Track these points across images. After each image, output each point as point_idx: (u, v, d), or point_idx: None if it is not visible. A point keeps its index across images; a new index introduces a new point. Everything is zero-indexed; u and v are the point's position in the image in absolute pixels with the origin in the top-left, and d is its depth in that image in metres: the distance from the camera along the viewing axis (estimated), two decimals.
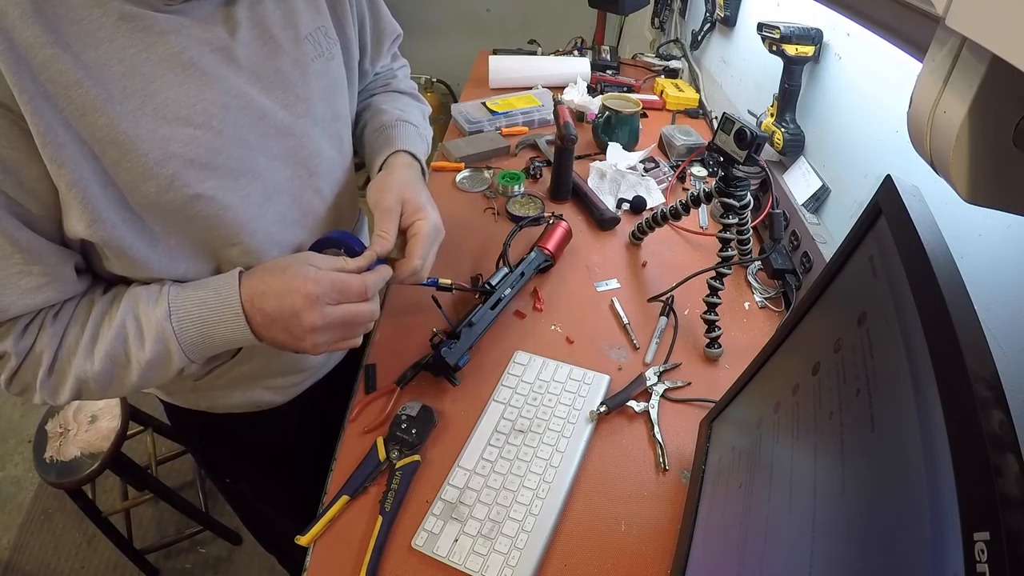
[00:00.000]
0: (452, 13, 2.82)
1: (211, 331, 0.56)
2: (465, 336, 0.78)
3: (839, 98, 0.95)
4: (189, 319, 0.55)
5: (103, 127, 0.46)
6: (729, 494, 0.54)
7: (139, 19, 0.47)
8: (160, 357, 0.55)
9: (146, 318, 0.54)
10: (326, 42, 0.64)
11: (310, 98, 0.62)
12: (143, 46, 0.47)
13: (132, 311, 0.54)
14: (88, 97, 0.44)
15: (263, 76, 0.57)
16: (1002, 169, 0.35)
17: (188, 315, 0.55)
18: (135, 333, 0.54)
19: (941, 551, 0.26)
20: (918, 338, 0.33)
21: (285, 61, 0.58)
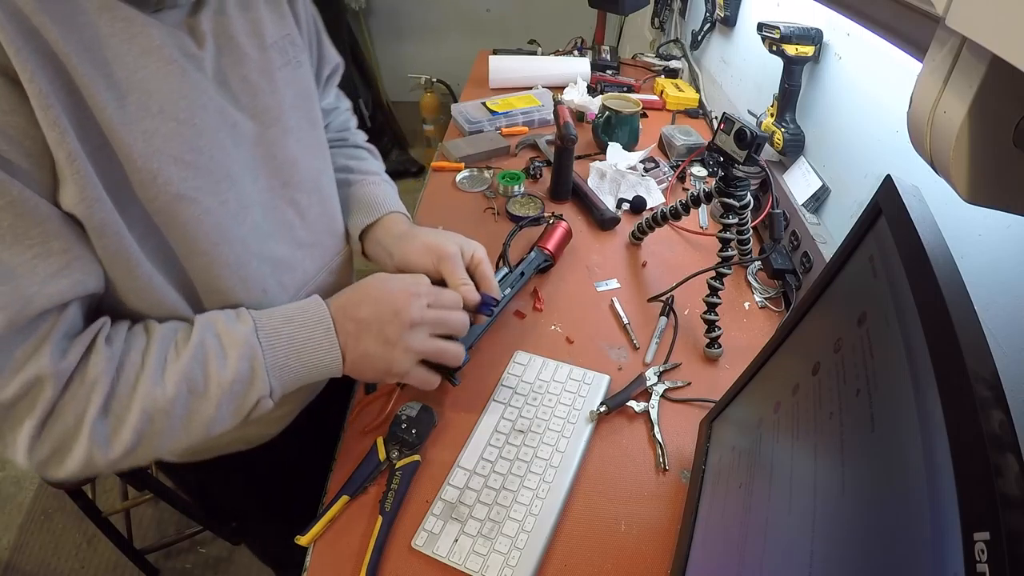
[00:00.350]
0: (452, 13, 2.82)
1: (300, 349, 0.54)
2: (465, 336, 0.78)
3: (839, 98, 0.95)
4: (277, 335, 0.52)
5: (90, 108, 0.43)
6: (729, 494, 0.54)
7: (119, 9, 0.45)
8: (243, 379, 0.50)
9: (229, 335, 0.50)
10: (293, 49, 0.61)
11: (280, 106, 0.59)
12: (125, 36, 0.45)
13: (211, 329, 0.51)
14: (76, 73, 0.41)
15: (231, 86, 0.54)
16: (1002, 169, 0.35)
17: (276, 331, 0.52)
18: (216, 351, 0.49)
19: (941, 551, 0.25)
20: (918, 338, 0.33)
21: (252, 70, 0.56)
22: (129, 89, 0.45)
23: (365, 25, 2.87)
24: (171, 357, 0.49)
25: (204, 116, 0.50)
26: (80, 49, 0.42)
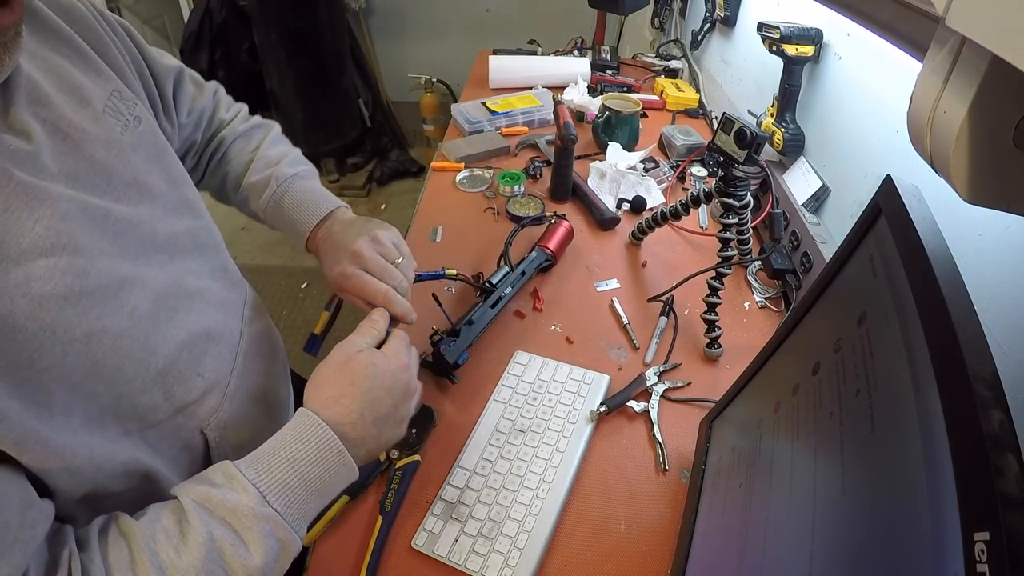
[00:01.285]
0: (452, 13, 2.82)
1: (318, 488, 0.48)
2: (465, 334, 0.78)
3: (839, 98, 0.95)
4: (289, 490, 0.45)
5: None
6: (729, 494, 0.54)
7: None
8: (274, 554, 0.44)
9: (235, 516, 0.43)
10: (126, 106, 0.53)
11: (137, 178, 0.52)
12: None
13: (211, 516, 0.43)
14: None
15: (80, 176, 0.46)
16: (1002, 169, 0.35)
17: (287, 486, 0.45)
18: (232, 542, 0.42)
19: (941, 551, 0.26)
20: (918, 338, 0.33)
21: (96, 148, 0.48)
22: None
23: (365, 25, 2.87)
24: (173, 563, 0.41)
25: (71, 231, 0.43)
26: None
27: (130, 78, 0.56)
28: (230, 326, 0.61)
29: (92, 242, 0.45)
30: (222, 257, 0.64)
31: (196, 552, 0.41)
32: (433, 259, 0.99)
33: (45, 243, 0.41)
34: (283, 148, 0.75)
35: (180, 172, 0.60)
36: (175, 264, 0.55)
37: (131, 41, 0.58)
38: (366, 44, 2.91)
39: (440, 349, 0.75)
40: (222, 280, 0.62)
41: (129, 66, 0.57)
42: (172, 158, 0.59)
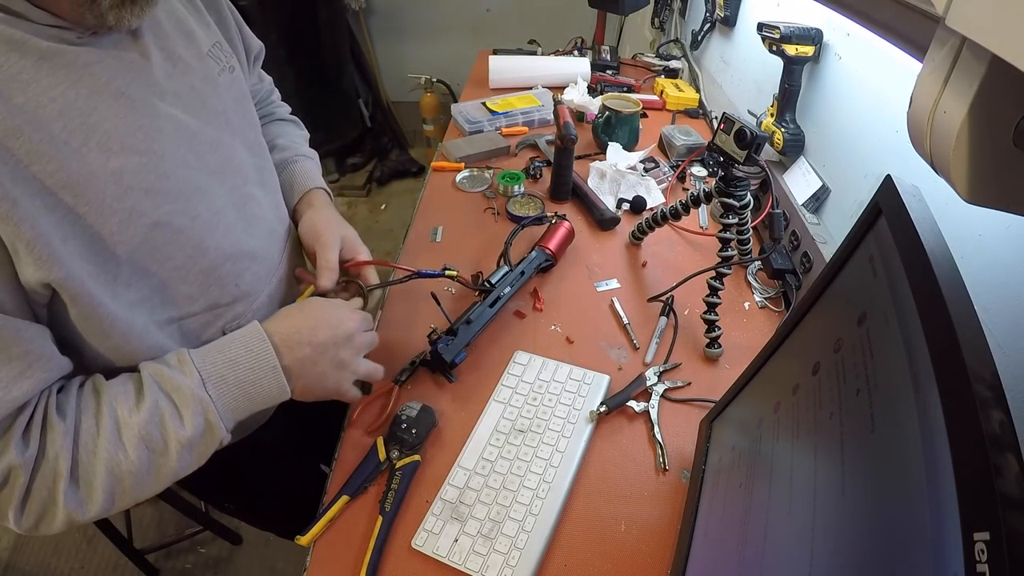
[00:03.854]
0: (452, 13, 2.82)
1: (249, 392, 0.56)
2: (463, 333, 0.78)
3: (839, 98, 0.95)
4: (224, 383, 0.54)
5: (54, 172, 0.44)
6: (729, 494, 0.54)
7: (60, 55, 0.46)
8: (201, 430, 0.52)
9: (179, 393, 0.52)
10: (224, 56, 0.65)
11: (226, 111, 0.63)
12: (70, 82, 0.46)
13: (160, 389, 0.52)
14: (31, 144, 0.43)
15: (182, 96, 0.57)
16: (1002, 169, 0.35)
17: (223, 379, 0.54)
18: (171, 411, 0.51)
19: (941, 551, 0.26)
20: (918, 338, 0.33)
21: (196, 79, 0.59)
22: (88, 134, 0.47)
23: (365, 25, 2.87)
24: (124, 419, 0.50)
25: (162, 140, 0.53)
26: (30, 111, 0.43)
27: (234, 38, 0.71)
28: (273, 252, 0.72)
29: (178, 153, 0.55)
30: (277, 197, 0.75)
31: (144, 414, 0.50)
32: (433, 259, 0.99)
33: (142, 146, 0.51)
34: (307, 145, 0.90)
35: (256, 119, 0.72)
36: (242, 189, 0.65)
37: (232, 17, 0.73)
38: (366, 44, 2.90)
39: (437, 347, 0.75)
40: (274, 214, 0.73)
41: (235, 29, 0.72)
42: (252, 106, 0.72)
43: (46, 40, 0.45)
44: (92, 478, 0.48)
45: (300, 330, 0.60)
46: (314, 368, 0.61)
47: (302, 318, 0.62)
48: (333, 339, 0.62)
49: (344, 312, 0.65)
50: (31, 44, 0.44)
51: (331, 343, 0.62)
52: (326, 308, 0.64)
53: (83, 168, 0.46)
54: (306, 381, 0.61)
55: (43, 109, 0.44)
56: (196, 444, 0.53)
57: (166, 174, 0.53)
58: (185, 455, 0.52)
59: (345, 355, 0.63)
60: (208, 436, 0.53)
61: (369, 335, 0.68)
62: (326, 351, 0.61)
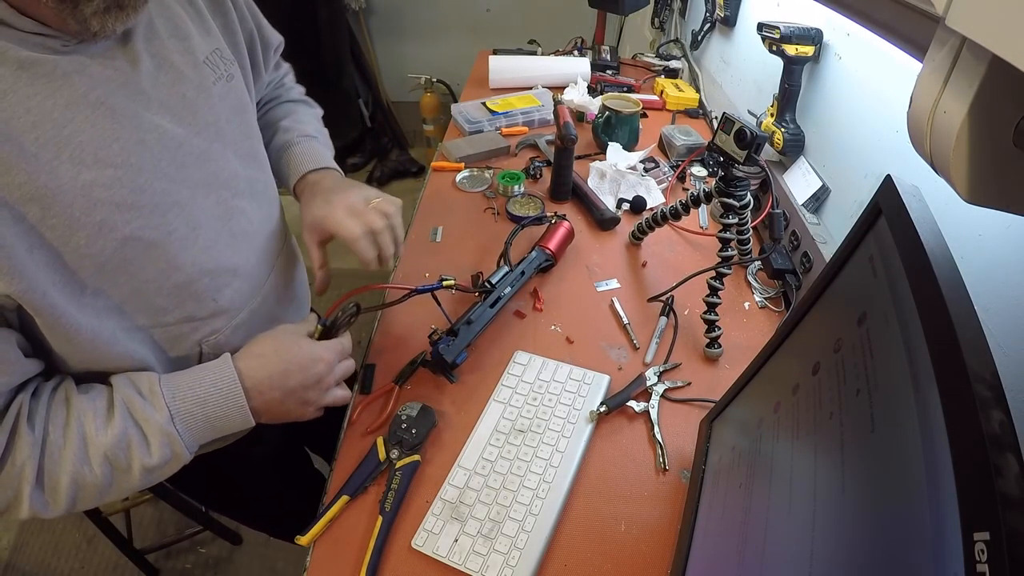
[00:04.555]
0: (452, 13, 2.82)
1: (216, 427, 0.57)
2: (463, 333, 0.78)
3: (839, 98, 0.95)
4: (193, 419, 0.55)
5: (21, 184, 0.44)
6: (729, 494, 0.54)
7: (39, 65, 0.45)
8: (166, 460, 0.54)
9: (147, 424, 0.53)
10: (223, 64, 0.64)
11: (218, 121, 0.61)
12: (48, 92, 0.45)
13: (130, 416, 0.53)
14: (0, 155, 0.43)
15: (170, 105, 0.56)
16: (1002, 169, 0.35)
17: (191, 415, 0.55)
18: (139, 441, 0.53)
19: (941, 551, 0.25)
20: (918, 338, 0.33)
21: (188, 88, 0.58)
22: (60, 147, 0.46)
23: (365, 25, 2.87)
24: (92, 437, 0.51)
25: (142, 152, 0.52)
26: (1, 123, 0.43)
27: (238, 43, 0.68)
28: (260, 269, 0.70)
29: (159, 166, 0.54)
30: (272, 209, 0.73)
31: (112, 437, 0.51)
32: (433, 259, 0.99)
33: (118, 159, 0.49)
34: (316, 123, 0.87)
35: (255, 130, 0.70)
36: (230, 202, 0.63)
37: (248, 11, 0.71)
38: (366, 44, 2.90)
39: (438, 348, 0.75)
40: (266, 228, 0.71)
41: (241, 32, 0.69)
42: (252, 117, 0.70)
43: (28, 49, 0.44)
44: (57, 485, 0.50)
45: (272, 376, 0.60)
46: (280, 407, 0.62)
47: (276, 361, 0.61)
48: (303, 383, 0.62)
49: (319, 352, 0.63)
50: (10, 54, 0.43)
51: (301, 387, 0.62)
52: (301, 349, 0.62)
53: (51, 181, 0.45)
54: (270, 416, 0.62)
55: (17, 120, 0.43)
56: (160, 469, 0.55)
57: (141, 188, 0.52)
58: (148, 477, 0.54)
59: (311, 396, 0.63)
60: (173, 463, 0.55)
61: (343, 366, 0.67)
62: (295, 394, 0.61)
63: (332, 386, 0.65)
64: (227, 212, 0.63)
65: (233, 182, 0.64)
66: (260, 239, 0.70)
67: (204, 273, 0.60)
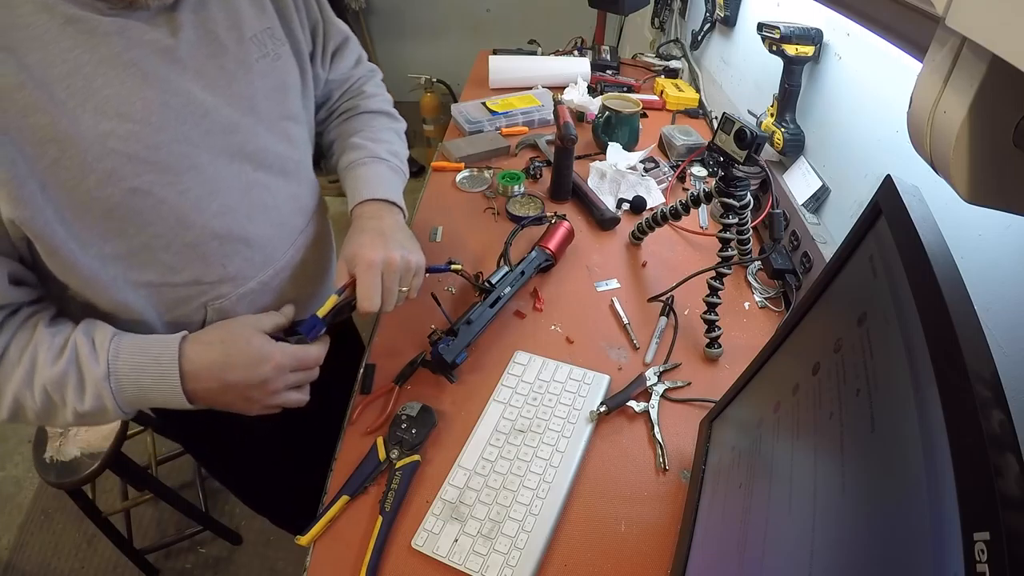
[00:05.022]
0: (452, 13, 2.82)
1: (147, 397, 0.57)
2: (463, 333, 0.78)
3: (839, 98, 0.95)
4: (127, 381, 0.56)
5: (44, 126, 0.48)
6: (729, 494, 0.54)
7: (84, 22, 0.49)
8: (96, 411, 0.56)
9: (88, 373, 0.54)
10: (272, 43, 0.66)
11: (254, 96, 0.63)
12: (87, 47, 0.49)
13: (75, 362, 0.55)
14: (30, 99, 0.47)
15: (206, 74, 0.58)
16: (1002, 169, 0.35)
17: (127, 378, 0.56)
18: (75, 384, 0.54)
19: (941, 551, 0.25)
20: (918, 338, 0.33)
21: (228, 60, 0.60)
22: (87, 97, 0.50)
23: (365, 25, 2.87)
24: (40, 367, 0.54)
25: (164, 113, 0.55)
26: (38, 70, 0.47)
27: (294, 28, 0.69)
28: (276, 244, 0.70)
29: (181, 129, 0.56)
30: (301, 189, 0.74)
31: (54, 373, 0.53)
32: (433, 259, 0.98)
33: (136, 115, 0.52)
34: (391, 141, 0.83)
35: (296, 110, 0.71)
36: (252, 174, 0.65)
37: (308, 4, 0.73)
38: (366, 44, 2.91)
39: (438, 349, 0.75)
40: (290, 206, 0.72)
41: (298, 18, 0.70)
42: (295, 98, 0.71)
43: (77, 7, 0.49)
44: (2, 396, 0.54)
45: (212, 367, 0.59)
46: (220, 397, 0.60)
47: (220, 352, 0.59)
48: (245, 381, 0.60)
49: (268, 353, 0.61)
50: (60, 8, 0.48)
51: (241, 384, 0.60)
52: (250, 346, 0.60)
53: (72, 127, 0.49)
54: (209, 403, 0.61)
55: (53, 68, 0.48)
56: (92, 416, 0.56)
57: (157, 145, 0.54)
58: (80, 419, 0.56)
59: (255, 395, 0.61)
60: (102, 415, 0.57)
61: (294, 377, 0.63)
62: (234, 389, 0.60)
63: (281, 390, 0.63)
64: (249, 183, 0.64)
65: (260, 155, 0.65)
66: (281, 214, 0.70)
67: (214, 237, 0.62)
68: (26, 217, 0.49)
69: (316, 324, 0.66)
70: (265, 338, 0.62)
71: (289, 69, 0.69)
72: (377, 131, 0.82)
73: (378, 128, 0.83)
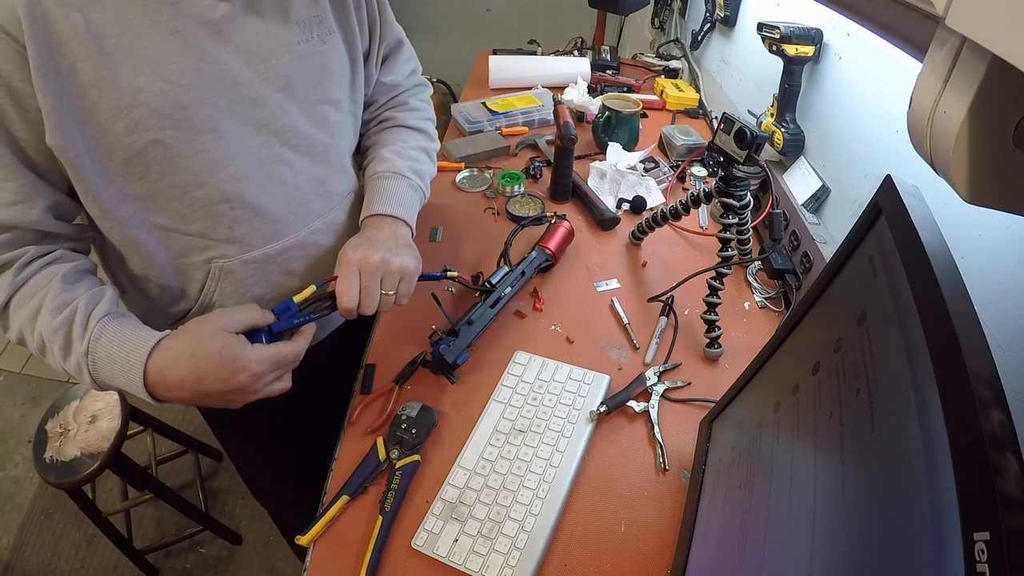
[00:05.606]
0: (452, 13, 2.82)
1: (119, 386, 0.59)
2: (464, 334, 0.78)
3: (839, 98, 0.95)
4: (101, 366, 0.58)
5: (89, 72, 0.54)
6: (729, 494, 0.54)
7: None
8: (75, 374, 0.59)
9: (73, 342, 0.58)
10: (318, 29, 0.68)
11: (290, 76, 0.66)
12: (140, 12, 0.55)
13: (67, 326, 0.58)
14: (84, 48, 0.53)
15: (245, 48, 0.62)
16: (1002, 169, 0.35)
17: (101, 363, 0.58)
18: (62, 345, 0.58)
19: (941, 551, 0.25)
20: (918, 338, 0.33)
21: (268, 39, 0.64)
22: (130, 54, 0.55)
23: None
24: (43, 313, 0.58)
25: (196, 78, 0.59)
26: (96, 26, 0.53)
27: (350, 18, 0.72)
28: (289, 221, 0.72)
29: (210, 95, 0.60)
30: (328, 173, 0.75)
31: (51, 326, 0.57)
32: (433, 259, 0.99)
33: (171, 76, 0.57)
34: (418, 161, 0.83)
35: (338, 97, 0.74)
36: (274, 149, 0.67)
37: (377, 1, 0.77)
38: None
39: (439, 349, 0.75)
40: (311, 188, 0.73)
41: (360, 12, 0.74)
42: (338, 85, 0.73)
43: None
44: (9, 324, 0.60)
45: (183, 382, 0.57)
46: (195, 402, 0.61)
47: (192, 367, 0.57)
48: (220, 391, 0.59)
49: (243, 361, 0.59)
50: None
51: (217, 393, 0.59)
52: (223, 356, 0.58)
53: (112, 76, 0.55)
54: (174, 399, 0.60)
55: (108, 26, 0.54)
56: (75, 375, 0.60)
57: (184, 105, 0.59)
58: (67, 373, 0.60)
59: (234, 398, 0.60)
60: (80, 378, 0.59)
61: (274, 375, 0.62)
62: (210, 397, 0.59)
63: (260, 390, 0.61)
64: (270, 157, 0.67)
65: (287, 133, 0.68)
66: (300, 194, 0.71)
67: (224, 199, 0.65)
68: (61, 146, 0.55)
69: (290, 307, 0.65)
70: (239, 343, 0.59)
71: (334, 56, 0.71)
72: (408, 148, 0.83)
73: (410, 145, 0.84)
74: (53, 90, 0.53)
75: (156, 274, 0.68)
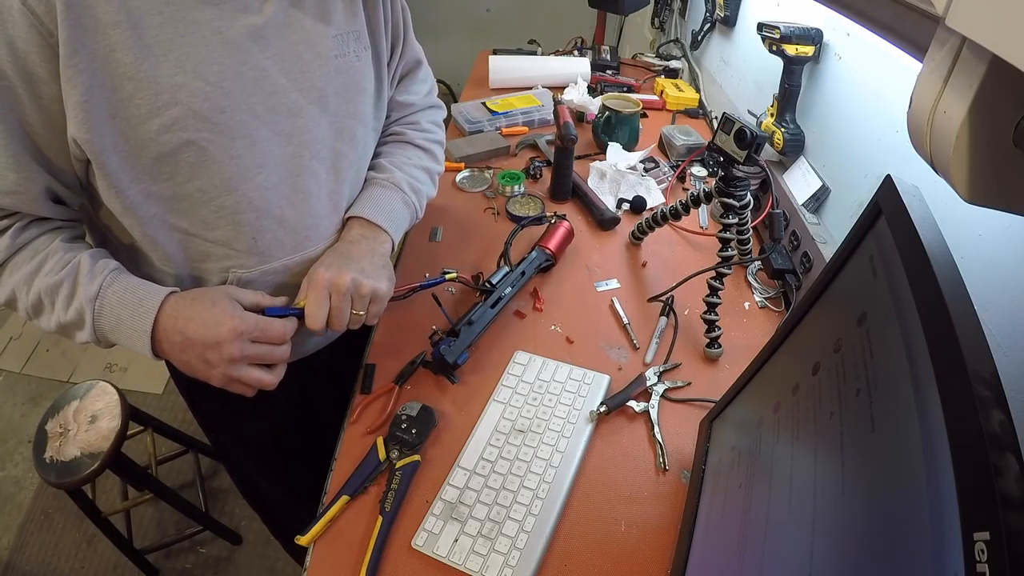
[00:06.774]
0: (452, 13, 2.82)
1: (119, 331, 0.60)
2: (464, 334, 0.78)
3: (839, 98, 0.95)
4: (108, 311, 0.59)
5: (127, 63, 0.52)
6: (729, 494, 0.54)
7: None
8: (75, 326, 0.60)
9: (79, 288, 0.59)
10: (355, 45, 0.68)
11: (324, 88, 0.66)
12: (181, 6, 0.54)
13: (73, 275, 0.59)
14: (122, 37, 0.51)
15: (284, 57, 0.62)
16: (1002, 169, 0.35)
17: (109, 308, 0.59)
18: (66, 295, 0.59)
19: (941, 551, 0.26)
20: (918, 338, 0.33)
21: (307, 50, 0.63)
22: (171, 49, 0.54)
23: None
24: (43, 272, 0.59)
25: (237, 82, 0.58)
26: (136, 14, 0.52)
27: (379, 36, 0.73)
28: (310, 235, 0.71)
29: (248, 101, 0.60)
30: (345, 189, 0.74)
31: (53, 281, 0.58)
32: (433, 259, 0.99)
33: (212, 78, 0.57)
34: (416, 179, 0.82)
35: (365, 114, 0.74)
36: (304, 160, 0.67)
37: (403, 19, 0.78)
38: None
39: (440, 349, 0.75)
40: (330, 201, 0.72)
41: (387, 29, 0.74)
42: (366, 102, 0.73)
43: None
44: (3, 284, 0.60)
45: (178, 319, 0.60)
46: (181, 355, 0.61)
47: (189, 307, 0.60)
48: (201, 340, 0.60)
49: (226, 316, 0.60)
50: None
51: (198, 342, 0.60)
52: (216, 306, 0.61)
53: (151, 71, 0.54)
54: (174, 360, 0.63)
55: (150, 17, 0.53)
56: (70, 329, 0.61)
57: (222, 108, 0.58)
58: (61, 330, 0.61)
59: (211, 357, 0.60)
60: (79, 332, 0.61)
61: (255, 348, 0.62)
62: (192, 347, 0.60)
63: (238, 359, 0.61)
64: (298, 168, 0.66)
65: (316, 145, 0.67)
66: (322, 206, 0.71)
67: (251, 208, 0.64)
68: (88, 139, 0.54)
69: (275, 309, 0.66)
70: (233, 304, 0.62)
71: (366, 73, 0.71)
72: (409, 165, 0.82)
73: (413, 163, 0.83)
74: (84, 80, 0.51)
75: (170, 275, 0.67)
